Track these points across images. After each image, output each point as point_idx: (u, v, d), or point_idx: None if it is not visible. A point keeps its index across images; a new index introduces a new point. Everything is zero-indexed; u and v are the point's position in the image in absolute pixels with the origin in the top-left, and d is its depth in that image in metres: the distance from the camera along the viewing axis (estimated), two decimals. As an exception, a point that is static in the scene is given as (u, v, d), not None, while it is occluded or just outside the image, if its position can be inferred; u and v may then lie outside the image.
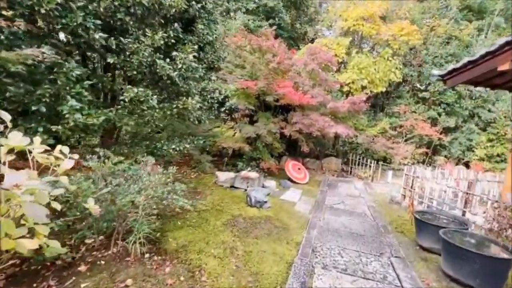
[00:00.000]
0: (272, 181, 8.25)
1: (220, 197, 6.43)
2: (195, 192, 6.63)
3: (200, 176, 8.29)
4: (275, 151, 9.97)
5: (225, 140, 9.04)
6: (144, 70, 4.25)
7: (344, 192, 8.26)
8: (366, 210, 6.64)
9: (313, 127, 8.54)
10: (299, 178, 9.11)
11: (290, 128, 8.93)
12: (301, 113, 9.23)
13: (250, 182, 7.55)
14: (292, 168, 9.31)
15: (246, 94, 8.96)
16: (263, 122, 9.18)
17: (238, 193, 6.89)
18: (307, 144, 9.47)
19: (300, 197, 7.31)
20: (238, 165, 8.99)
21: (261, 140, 9.13)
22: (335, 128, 8.74)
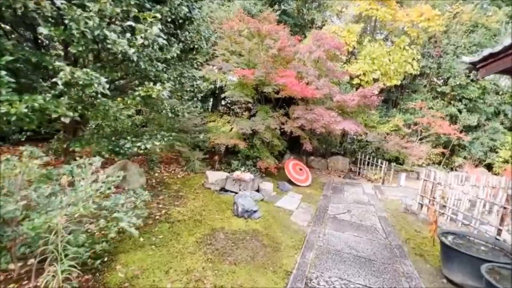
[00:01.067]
0: (269, 183, 7.19)
1: (203, 203, 5.44)
2: (176, 196, 5.65)
3: (188, 176, 7.32)
4: (275, 149, 8.90)
5: (218, 136, 8.01)
6: (92, 46, 3.25)
7: (351, 198, 7.14)
8: (377, 222, 5.52)
9: (317, 122, 7.41)
10: (300, 180, 8.03)
11: (291, 124, 7.82)
12: (304, 107, 8.10)
13: (243, 184, 6.52)
14: (293, 168, 8.23)
15: (242, 84, 7.88)
16: (262, 116, 8.10)
17: (227, 198, 5.87)
18: (310, 142, 8.35)
19: (299, 203, 6.24)
20: (233, 164, 7.97)
21: (259, 136, 8.06)
22: (343, 124, 7.58)
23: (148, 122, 6.78)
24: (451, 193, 5.76)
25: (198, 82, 4.76)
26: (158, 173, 7.33)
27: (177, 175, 7.27)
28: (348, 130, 7.51)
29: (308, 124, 7.52)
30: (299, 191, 7.25)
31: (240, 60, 7.99)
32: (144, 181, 6.03)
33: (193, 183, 6.67)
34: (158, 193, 5.63)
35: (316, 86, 7.83)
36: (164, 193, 5.70)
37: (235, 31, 8.02)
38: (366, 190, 8.08)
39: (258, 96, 8.94)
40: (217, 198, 5.84)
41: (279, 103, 8.96)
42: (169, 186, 6.24)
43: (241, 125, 7.60)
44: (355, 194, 7.56)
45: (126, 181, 5.60)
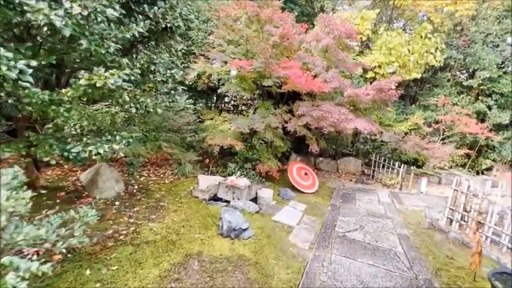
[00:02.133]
0: (268, 191, 6.19)
1: (186, 216, 4.51)
2: (156, 207, 4.75)
3: (178, 180, 6.43)
4: (278, 150, 7.87)
5: (214, 136, 7.07)
6: (7, 16, 2.37)
7: (364, 209, 6.03)
8: (397, 243, 4.43)
9: (324, 120, 6.33)
10: (305, 186, 6.98)
11: (295, 122, 6.77)
12: (310, 103, 7.02)
13: (237, 192, 5.56)
14: (297, 172, 7.19)
15: (240, 77, 6.89)
16: (262, 114, 7.10)
17: (216, 209, 4.92)
18: (317, 143, 7.27)
19: (302, 217, 5.21)
20: (229, 167, 7.01)
21: (258, 136, 7.07)
22: (355, 123, 6.46)
23: (131, 120, 5.91)
24: (491, 208, 4.59)
25: (173, 71, 3.80)
26: (145, 177, 6.48)
27: (166, 180, 6.39)
28: (361, 130, 6.39)
29: (314, 122, 6.45)
30: (303, 200, 6.21)
31: (237, 50, 6.99)
32: (121, 188, 5.17)
33: (180, 190, 5.76)
34: (134, 203, 4.75)
35: (324, 79, 6.74)
36: (142, 203, 4.81)
37: (232, 18, 7.03)
38: (381, 198, 6.93)
39: (259, 91, 7.94)
40: (204, 209, 4.90)
41: (284, 99, 7.91)
42: (151, 193, 5.36)
43: (237, 124, 6.62)
44: (369, 204, 6.44)
45: (97, 189, 4.76)
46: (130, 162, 5.24)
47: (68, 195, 4.66)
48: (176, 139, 6.54)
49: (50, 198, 4.38)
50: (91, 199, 4.61)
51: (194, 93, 8.57)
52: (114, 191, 4.94)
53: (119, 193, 5.03)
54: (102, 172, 4.90)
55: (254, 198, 6.13)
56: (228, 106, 12.46)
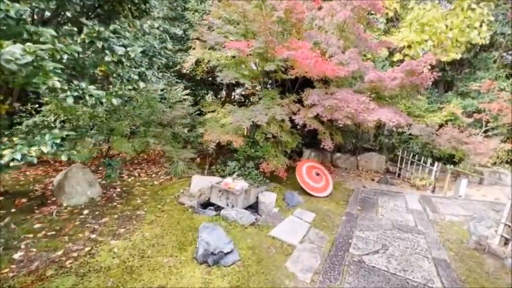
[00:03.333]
0: (271, 195, 5.20)
1: (161, 231, 3.65)
2: (130, 217, 3.95)
3: (169, 181, 5.62)
4: (288, 146, 6.80)
5: (212, 131, 6.15)
6: None
7: (388, 219, 4.85)
8: (433, 274, 3.27)
9: (340, 111, 5.15)
10: (317, 188, 5.88)
11: (304, 113, 5.65)
12: (323, 91, 5.84)
13: (231, 198, 4.63)
14: (307, 172, 6.09)
15: (239, 62, 5.86)
16: (266, 104, 6.05)
17: (202, 220, 4.03)
18: (331, 138, 6.10)
19: (308, 231, 4.16)
20: (228, 166, 6.08)
21: (261, 131, 6.04)
22: (377, 113, 5.20)
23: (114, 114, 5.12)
24: None
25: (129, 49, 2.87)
26: (135, 177, 5.75)
27: (156, 180, 5.61)
28: (386, 121, 5.12)
29: (327, 113, 5.28)
30: (312, 207, 5.14)
31: (236, 30, 5.92)
32: (97, 193, 4.43)
33: (167, 194, 4.93)
34: (106, 212, 3.98)
35: (339, 61, 5.51)
36: (115, 212, 4.03)
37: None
38: (410, 204, 5.66)
39: (264, 79, 6.87)
40: (188, 220, 4.02)
41: (296, 87, 6.76)
42: (131, 198, 4.58)
43: (236, 117, 5.63)
44: (395, 212, 5.22)
45: (64, 194, 4.03)
46: (107, 163, 4.48)
47: (30, 202, 3.99)
48: (166, 134, 5.70)
49: (5, 207, 3.72)
50: (55, 207, 3.90)
51: (193, 83, 7.67)
52: (86, 196, 4.20)
53: (93, 199, 4.29)
54: (71, 176, 4.17)
55: (253, 204, 5.18)
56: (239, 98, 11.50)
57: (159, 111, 5.64)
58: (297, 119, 5.66)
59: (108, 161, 4.54)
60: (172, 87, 6.34)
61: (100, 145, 5.77)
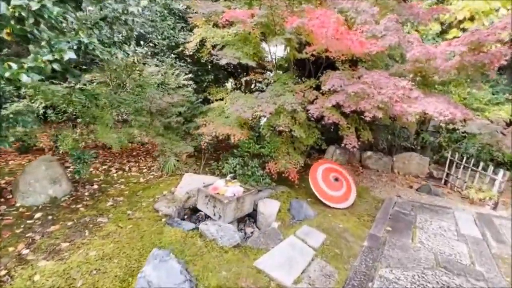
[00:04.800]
0: (273, 203, 4.13)
1: (113, 249, 2.79)
2: (86, 226, 3.16)
3: (158, 179, 4.82)
4: (303, 142, 5.58)
5: (213, 122, 5.18)
6: None
7: (429, 251, 3.46)
8: None
9: (368, 100, 3.79)
10: (334, 198, 4.61)
11: (321, 102, 4.37)
12: (348, 73, 4.49)
13: (219, 206, 3.64)
14: (324, 177, 4.83)
15: (242, 38, 4.74)
16: (275, 91, 4.88)
17: (174, 235, 3.11)
18: (357, 135, 4.75)
19: (310, 262, 2.99)
20: (228, 164, 5.08)
21: (268, 123, 4.90)
22: (423, 104, 3.72)
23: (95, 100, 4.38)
24: None
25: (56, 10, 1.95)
26: (124, 172, 5.05)
27: (143, 177, 4.84)
28: (435, 115, 3.63)
29: (350, 102, 3.94)
30: (324, 223, 3.93)
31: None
32: (64, 190, 3.74)
33: (147, 195, 4.10)
34: (60, 218, 3.24)
35: (371, 32, 4.08)
36: (72, 218, 3.28)
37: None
38: (463, 227, 4.15)
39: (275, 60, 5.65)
40: (155, 235, 3.11)
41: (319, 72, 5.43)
42: (102, 200, 3.82)
43: (237, 105, 4.57)
44: (441, 239, 3.79)
45: (18, 192, 3.37)
46: (76, 156, 3.76)
47: (-18, 198, 3.42)
48: (156, 124, 4.85)
49: None
50: (5, 207, 3.27)
51: (200, 67, 6.72)
52: (46, 196, 3.52)
53: (56, 198, 3.61)
54: (29, 171, 3.51)
55: (251, 213, 4.16)
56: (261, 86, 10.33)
57: (148, 98, 4.80)
58: (311, 109, 4.41)
59: (77, 153, 3.81)
60: (168, 70, 5.45)
61: (89, 134, 5.14)
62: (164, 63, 5.91)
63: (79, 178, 3.89)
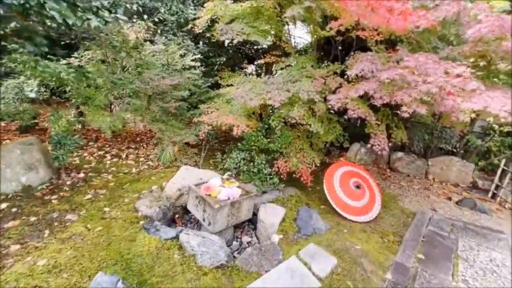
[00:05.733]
0: (277, 210, 3.42)
1: (68, 259, 2.26)
2: (50, 224, 2.69)
3: (153, 170, 4.30)
4: (322, 138, 4.75)
5: (217, 109, 4.51)
6: None
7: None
8: None
9: (408, 90, 2.87)
10: (353, 208, 3.76)
11: (345, 92, 3.49)
12: (384, 56, 3.53)
13: (208, 211, 3.00)
14: (342, 182, 3.98)
15: (254, 11, 3.93)
16: (290, 75, 4.06)
17: (148, 243, 2.54)
18: (387, 134, 3.82)
19: (313, 299, 2.29)
20: (231, 158, 4.41)
21: (279, 114, 4.12)
22: (484, 100, 2.74)
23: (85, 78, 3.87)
24: None
25: None
26: (120, 159, 4.59)
27: (137, 167, 4.34)
28: (501, 114, 2.64)
29: (385, 92, 3.04)
30: (338, 241, 3.15)
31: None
32: (41, 178, 3.31)
33: (133, 189, 3.57)
34: (24, 212, 2.79)
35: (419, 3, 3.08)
36: (41, 211, 2.83)
37: None
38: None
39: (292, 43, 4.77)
40: (125, 243, 2.55)
41: (349, 53, 4.50)
42: (82, 191, 3.35)
43: (242, 91, 3.84)
44: (492, 277, 2.85)
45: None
46: (57, 141, 3.30)
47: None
48: (154, 109, 4.27)
49: None
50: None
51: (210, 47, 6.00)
52: (18, 184, 3.11)
53: (30, 187, 3.19)
54: (1, 154, 3.10)
55: (255, 216, 3.50)
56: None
57: (144, 79, 4.21)
58: (333, 100, 3.55)
59: (58, 137, 3.35)
60: (172, 48, 4.80)
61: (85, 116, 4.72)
62: (172, 42, 5.27)
63: (59, 165, 3.44)
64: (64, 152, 3.36)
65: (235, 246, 3.31)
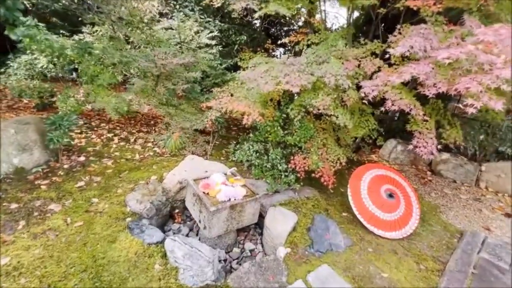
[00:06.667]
0: (288, 216, 2.87)
1: (32, 260, 1.96)
2: (29, 213, 2.42)
3: (158, 158, 3.94)
4: (351, 133, 4.01)
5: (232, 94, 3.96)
6: None
7: None
8: None
9: (477, 76, 2.05)
10: (382, 222, 3.05)
11: (384, 78, 2.71)
12: (443, 30, 2.66)
13: (204, 213, 2.54)
14: (372, 187, 3.26)
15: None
16: (316, 55, 3.34)
17: (129, 247, 2.16)
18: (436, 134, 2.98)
19: None
20: (242, 150, 3.89)
21: (299, 102, 3.45)
22: None
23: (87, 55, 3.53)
24: None
25: None
26: (127, 143, 4.31)
27: (142, 153, 4.00)
28: None
29: (441, 78, 2.23)
30: (359, 264, 2.51)
31: None
32: (36, 160, 3.09)
33: (130, 179, 3.23)
34: (7, 197, 2.56)
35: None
36: (25, 198, 2.58)
37: None
38: None
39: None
40: (102, 243, 2.20)
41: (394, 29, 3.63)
42: (76, 177, 3.08)
43: (254, 73, 3.23)
44: None
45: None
46: (52, 121, 3.03)
47: None
48: (160, 91, 3.83)
49: None
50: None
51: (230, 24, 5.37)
52: (9, 165, 2.90)
53: (23, 169, 2.98)
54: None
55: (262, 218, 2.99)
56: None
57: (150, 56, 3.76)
58: (367, 87, 2.80)
59: (54, 118, 3.07)
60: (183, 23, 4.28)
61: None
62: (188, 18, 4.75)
63: (55, 147, 3.18)
64: (59, 133, 3.08)
65: (235, 254, 2.84)
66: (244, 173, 3.95)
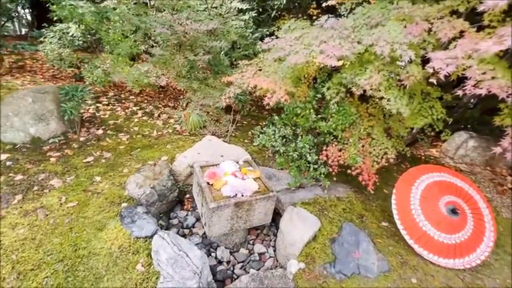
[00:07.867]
0: (310, 220, 2.33)
1: (15, 239, 1.82)
2: (29, 187, 2.32)
3: (174, 136, 3.65)
4: (406, 122, 3.12)
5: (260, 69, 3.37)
6: None
7: None
8: None
9: None
10: (437, 244, 2.28)
11: (466, 47, 1.82)
12: None
13: (205, 208, 2.15)
14: (425, 196, 2.45)
15: None
16: (366, 17, 2.50)
17: (114, 240, 1.91)
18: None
19: None
20: (265, 134, 3.34)
21: (340, 78, 2.70)
22: None
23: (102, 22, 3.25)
24: None
25: None
26: (150, 117, 4.12)
27: (160, 130, 3.75)
28: None
29: None
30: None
31: None
32: (52, 131, 3.04)
33: (140, 157, 2.99)
34: (15, 168, 2.51)
35: None
36: (32, 170, 2.51)
37: None
38: None
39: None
40: (88, 230, 1.98)
41: None
42: (87, 152, 2.94)
43: (284, 41, 2.57)
44: None
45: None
46: (66, 92, 2.88)
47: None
48: (179, 62, 3.41)
49: None
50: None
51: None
52: (25, 134, 2.87)
53: (39, 139, 2.93)
54: (10, 101, 2.84)
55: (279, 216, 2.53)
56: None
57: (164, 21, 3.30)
58: (438, 60, 1.94)
59: (69, 88, 2.93)
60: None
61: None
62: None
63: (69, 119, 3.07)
64: (73, 104, 2.94)
65: (242, 256, 2.44)
66: (268, 161, 3.44)
